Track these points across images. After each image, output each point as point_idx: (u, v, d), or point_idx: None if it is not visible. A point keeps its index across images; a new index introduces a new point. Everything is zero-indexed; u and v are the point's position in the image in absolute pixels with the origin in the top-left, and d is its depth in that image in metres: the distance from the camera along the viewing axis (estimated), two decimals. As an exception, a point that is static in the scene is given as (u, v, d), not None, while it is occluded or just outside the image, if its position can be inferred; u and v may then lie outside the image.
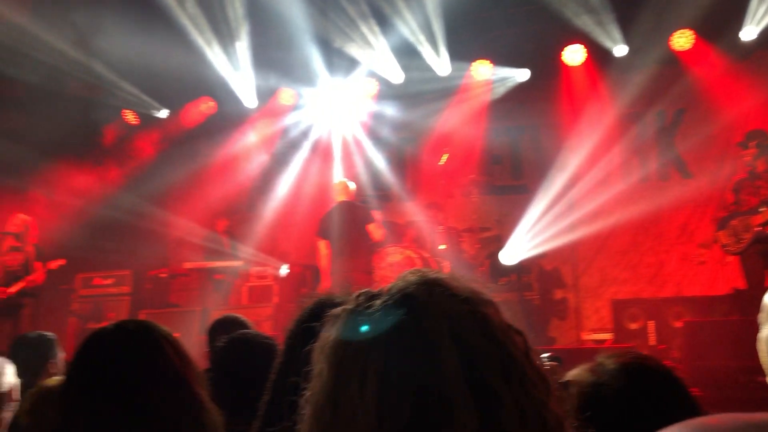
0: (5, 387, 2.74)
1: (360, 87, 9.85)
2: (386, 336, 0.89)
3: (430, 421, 0.85)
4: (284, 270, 9.49)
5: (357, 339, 0.91)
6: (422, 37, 9.06)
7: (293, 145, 10.47)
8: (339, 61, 9.48)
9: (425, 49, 9.18)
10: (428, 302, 0.91)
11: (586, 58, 9.11)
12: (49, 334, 3.77)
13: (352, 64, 9.51)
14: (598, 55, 8.97)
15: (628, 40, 8.77)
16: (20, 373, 2.91)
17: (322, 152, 10.40)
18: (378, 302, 0.93)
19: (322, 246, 8.05)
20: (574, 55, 9.15)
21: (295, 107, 10.25)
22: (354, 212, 8.00)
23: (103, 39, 8.75)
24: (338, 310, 0.96)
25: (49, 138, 9.42)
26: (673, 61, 8.74)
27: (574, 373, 1.59)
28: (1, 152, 8.97)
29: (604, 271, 9.31)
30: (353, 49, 9.30)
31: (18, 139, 9.23)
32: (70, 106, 9.61)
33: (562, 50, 9.15)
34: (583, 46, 9.05)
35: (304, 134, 10.43)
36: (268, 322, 8.52)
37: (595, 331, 8.66)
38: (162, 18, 8.33)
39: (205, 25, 9.05)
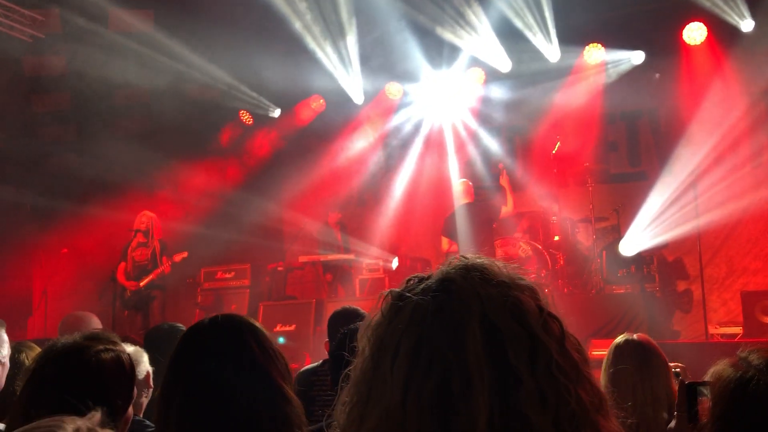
0: (142, 374, 2.91)
1: (469, 76, 9.75)
2: (420, 316, 0.94)
3: (450, 397, 0.89)
4: (395, 263, 9.57)
5: (396, 319, 0.95)
6: (530, 21, 8.85)
7: (403, 139, 10.53)
8: (447, 52, 9.43)
9: (534, 34, 8.96)
10: (463, 285, 0.95)
11: (708, 36, 8.59)
12: (180, 325, 3.98)
13: (459, 54, 9.43)
14: (722, 32, 8.44)
15: (755, 13, 8.19)
16: (153, 362, 3.09)
17: (431, 145, 10.39)
18: (422, 285, 0.98)
19: (445, 242, 8.40)
20: (694, 33, 8.66)
21: (403, 101, 10.30)
22: (480, 213, 8.27)
23: (220, 43, 9.12)
24: (386, 291, 1.01)
25: (172, 139, 9.96)
26: (808, 33, 8.08)
27: (713, 371, 1.51)
28: (129, 154, 9.58)
29: (732, 261, 8.76)
30: (461, 40, 9.22)
31: (144, 142, 9.82)
32: (190, 108, 10.11)
33: (681, 29, 8.68)
34: (703, 23, 8.54)
35: (414, 127, 10.45)
36: (381, 315, 8.61)
37: (723, 324, 8.16)
38: (272, 18, 8.58)
39: (315, 25, 9.24)
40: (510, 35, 9.04)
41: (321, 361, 3.82)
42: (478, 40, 9.17)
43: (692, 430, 1.67)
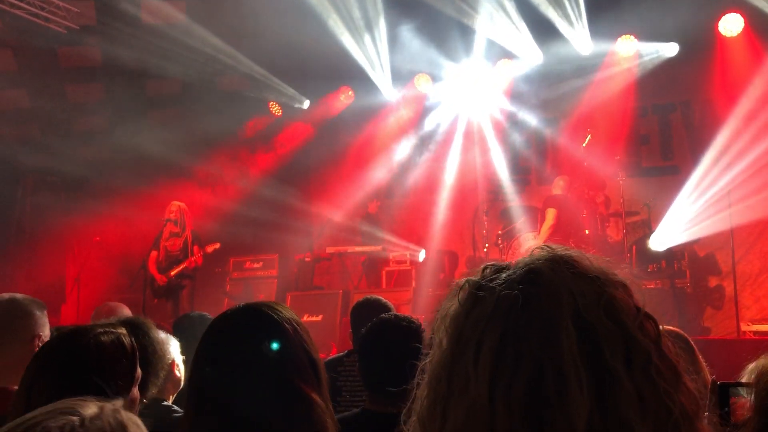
0: (169, 361, 2.93)
1: (500, 69, 9.67)
2: (506, 309, 0.89)
3: (543, 397, 0.84)
4: (422, 255, 9.57)
5: (477, 310, 0.91)
6: (562, 13, 8.75)
7: (432, 132, 10.50)
8: (479, 44, 9.36)
9: (566, 27, 8.86)
10: (552, 279, 0.90)
11: (745, 27, 8.42)
12: (207, 314, 4.03)
13: (491, 45, 9.36)
14: (760, 23, 8.26)
15: (795, 4, 8.00)
16: (184, 350, 3.13)
17: (460, 138, 10.34)
18: (503, 275, 0.92)
19: (551, 214, 8.57)
20: (730, 24, 8.49)
21: (432, 93, 10.26)
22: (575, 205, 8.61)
23: (251, 34, 9.17)
24: (462, 280, 0.96)
25: (203, 130, 10.05)
26: None
27: (755, 366, 1.49)
28: (160, 144, 9.70)
29: (765, 258, 8.60)
30: (493, 31, 9.14)
31: (175, 132, 9.93)
32: (221, 99, 10.19)
33: (716, 21, 8.51)
34: (740, 14, 8.37)
35: (442, 119, 10.41)
36: (407, 307, 8.63)
37: (756, 321, 8.01)
38: (303, 10, 8.60)
39: (346, 16, 9.24)
40: (542, 27, 8.94)
41: (346, 351, 3.85)
42: (511, 32, 9.09)
43: (723, 430, 1.65)
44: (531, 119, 10.01)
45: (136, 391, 2.00)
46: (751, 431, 1.45)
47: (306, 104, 10.94)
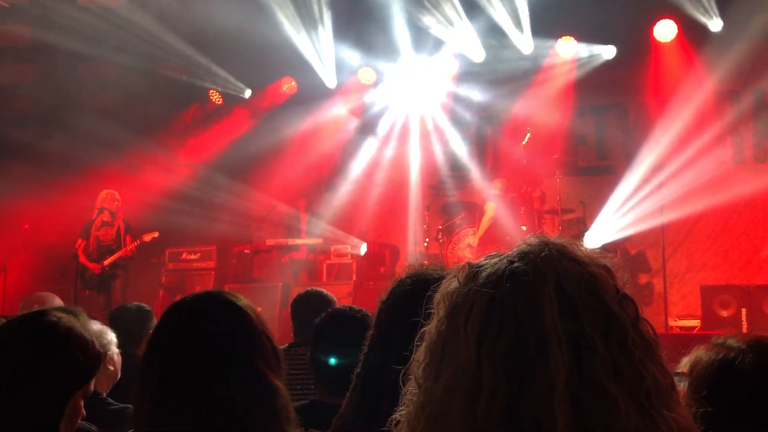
0: (107, 349, 2.84)
1: (441, 65, 9.75)
2: (495, 281, 0.98)
3: (525, 355, 0.92)
4: (363, 248, 9.58)
5: (471, 283, 1.00)
6: (505, 14, 8.88)
7: (373, 124, 10.51)
8: (420, 39, 9.41)
9: (508, 26, 9.00)
10: (539, 257, 0.99)
11: (678, 34, 8.73)
12: (146, 306, 3.94)
13: (434, 42, 9.43)
14: (691, 30, 8.57)
15: (723, 14, 8.34)
16: (121, 343, 3.04)
17: (402, 132, 10.39)
18: (498, 258, 1.03)
19: None
20: (665, 30, 8.78)
21: (375, 86, 10.27)
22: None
23: (190, 20, 8.98)
24: (461, 264, 1.05)
25: (139, 117, 9.79)
26: (774, 35, 8.25)
27: (691, 358, 1.57)
28: (94, 131, 9.40)
29: (692, 256, 8.96)
30: (434, 27, 9.21)
31: (111, 118, 9.64)
32: (159, 86, 9.94)
33: (652, 26, 8.79)
34: (674, 21, 8.67)
35: (384, 113, 10.43)
36: (347, 300, 8.62)
37: (682, 317, 8.36)
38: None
39: (288, 4, 9.14)
40: (484, 25, 9.05)
41: (287, 344, 3.80)
42: (453, 29, 9.17)
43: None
44: (472, 116, 10.14)
45: (92, 383, 1.97)
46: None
47: (247, 93, 10.77)
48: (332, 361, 2.48)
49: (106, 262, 8.27)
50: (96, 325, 2.68)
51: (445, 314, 1.00)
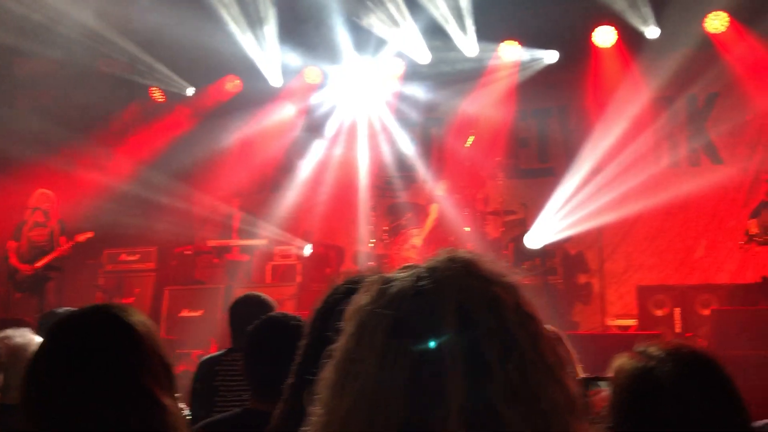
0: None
1: (386, 66, 9.77)
2: (399, 299, 0.97)
3: (424, 381, 0.91)
4: (308, 250, 9.52)
5: (380, 300, 0.99)
6: (450, 16, 8.95)
7: (318, 125, 10.45)
8: (365, 39, 9.41)
9: (453, 29, 9.07)
10: (444, 274, 0.98)
11: (617, 40, 8.95)
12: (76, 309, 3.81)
13: (378, 43, 9.43)
14: (630, 36, 8.80)
15: (660, 21, 8.59)
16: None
17: (347, 133, 10.36)
18: (408, 272, 1.01)
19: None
20: (604, 36, 8.99)
21: (320, 86, 10.21)
22: None
23: (132, 16, 8.76)
24: (374, 277, 1.04)
25: (77, 114, 9.50)
26: (707, 44, 8.53)
27: (615, 365, 1.59)
28: (29, 128, 9.08)
29: (629, 257, 9.20)
30: (380, 28, 9.21)
31: (46, 115, 9.33)
32: (97, 82, 9.67)
33: (592, 31, 9.00)
34: (614, 27, 8.89)
35: (330, 113, 10.39)
36: (291, 302, 8.57)
37: (619, 316, 8.58)
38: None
39: (233, 3, 9.02)
40: (430, 28, 9.11)
41: (225, 350, 3.74)
42: (399, 31, 9.19)
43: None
44: (418, 116, 10.19)
45: None
46: (608, 426, 1.55)
47: (190, 91, 10.57)
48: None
49: (38, 264, 8.00)
50: (22, 338, 2.58)
51: (353, 332, 0.99)
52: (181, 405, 3.46)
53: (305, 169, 10.39)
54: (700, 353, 1.61)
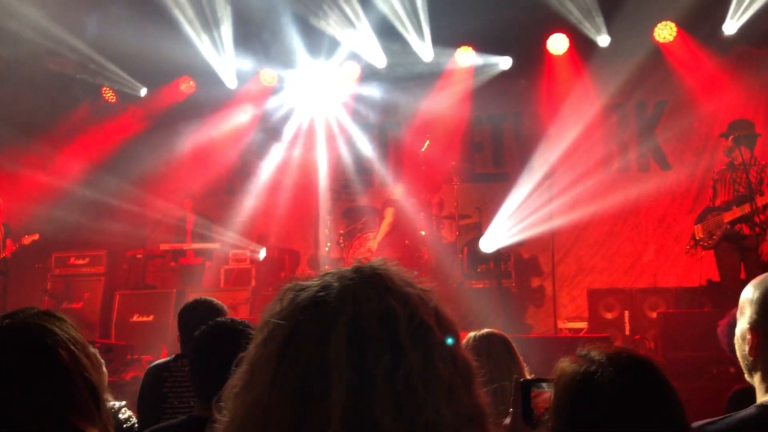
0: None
1: (343, 70, 9.76)
2: (299, 310, 0.97)
3: (310, 394, 0.91)
4: (263, 254, 9.43)
5: (284, 311, 0.99)
6: (406, 21, 8.99)
7: (274, 128, 10.37)
8: (322, 43, 9.38)
9: (409, 33, 9.11)
10: (342, 285, 0.98)
11: (569, 48, 9.11)
12: None
13: (335, 46, 9.41)
14: (582, 44, 8.98)
15: (611, 30, 8.78)
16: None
17: (303, 136, 10.32)
18: (316, 282, 1.01)
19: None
20: (557, 43, 9.14)
21: (276, 89, 10.14)
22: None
23: (83, 15, 8.57)
24: (289, 285, 1.03)
25: (24, 113, 9.25)
26: (656, 52, 8.77)
27: (558, 368, 1.61)
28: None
29: (581, 261, 9.36)
30: (336, 32, 9.20)
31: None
32: (46, 82, 9.42)
33: (545, 39, 9.14)
34: (566, 35, 9.05)
35: (288, 116, 10.33)
36: (245, 306, 8.49)
37: (571, 319, 8.73)
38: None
39: (187, 5, 8.90)
40: (386, 32, 9.13)
41: (173, 356, 3.67)
42: (355, 34, 9.19)
43: (528, 427, 1.75)
44: (374, 121, 10.21)
45: None
46: (549, 429, 1.57)
47: (143, 92, 10.38)
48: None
49: (-20, 268, 7.76)
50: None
51: (261, 340, 0.99)
52: (129, 412, 3.39)
53: (263, 172, 10.30)
54: (640, 358, 1.63)
